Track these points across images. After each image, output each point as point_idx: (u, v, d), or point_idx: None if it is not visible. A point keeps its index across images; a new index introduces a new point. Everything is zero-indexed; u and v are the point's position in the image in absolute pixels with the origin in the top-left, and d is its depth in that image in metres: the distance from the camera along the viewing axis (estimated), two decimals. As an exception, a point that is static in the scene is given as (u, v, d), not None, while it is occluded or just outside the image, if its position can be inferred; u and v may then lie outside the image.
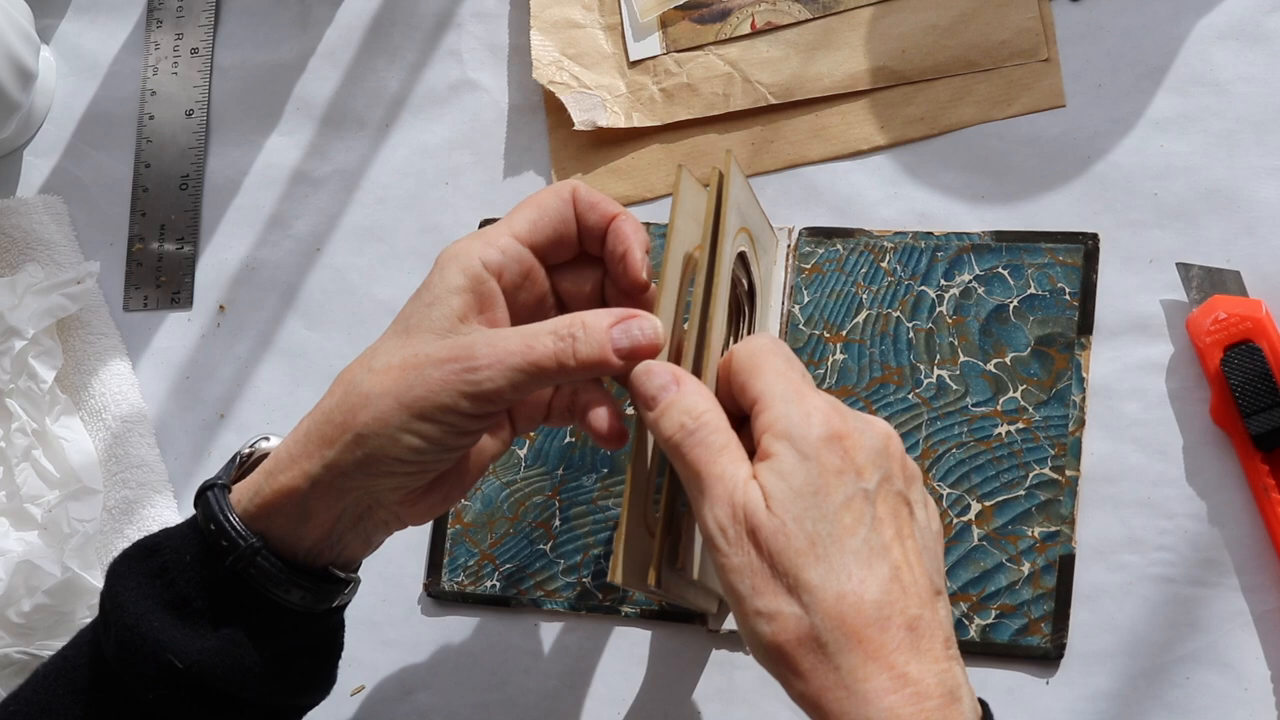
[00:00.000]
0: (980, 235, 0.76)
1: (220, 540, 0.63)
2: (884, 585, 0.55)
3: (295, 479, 0.62)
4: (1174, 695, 0.70)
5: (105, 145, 0.94)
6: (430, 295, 0.62)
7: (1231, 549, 0.70)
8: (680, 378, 0.60)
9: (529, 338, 0.60)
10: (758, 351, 0.61)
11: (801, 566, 0.55)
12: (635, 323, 0.60)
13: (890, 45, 0.80)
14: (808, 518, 0.55)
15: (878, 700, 0.54)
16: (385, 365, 0.61)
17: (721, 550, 0.56)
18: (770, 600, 0.55)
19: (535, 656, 0.78)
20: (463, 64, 0.88)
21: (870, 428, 0.58)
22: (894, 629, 0.55)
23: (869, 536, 0.56)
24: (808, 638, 0.54)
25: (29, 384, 0.86)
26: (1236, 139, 0.74)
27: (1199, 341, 0.71)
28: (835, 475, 0.56)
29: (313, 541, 0.64)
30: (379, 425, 0.60)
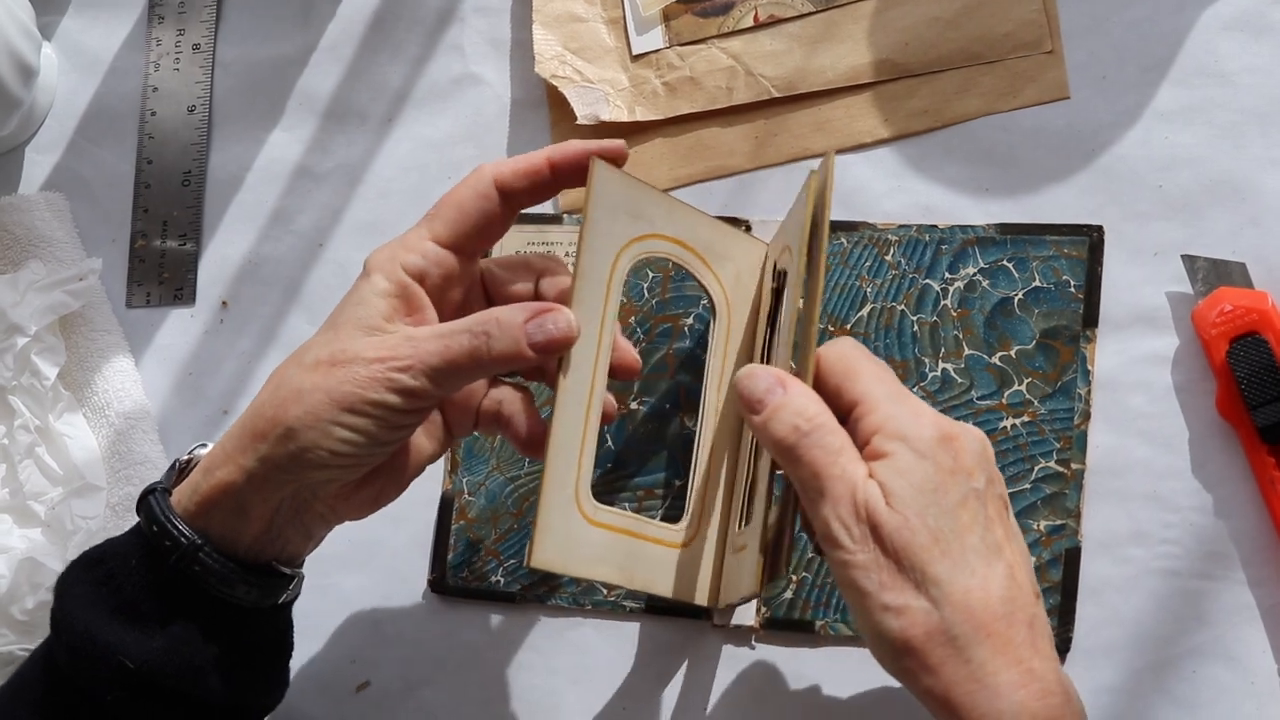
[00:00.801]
0: (985, 228, 0.76)
1: (164, 541, 0.64)
2: (1004, 582, 0.57)
3: (231, 474, 0.63)
4: (1180, 689, 0.69)
5: (107, 142, 0.94)
6: (357, 297, 0.64)
7: (1238, 542, 0.70)
8: (785, 381, 0.61)
9: (446, 336, 0.61)
10: (849, 355, 0.62)
11: (928, 561, 0.56)
12: (549, 317, 0.62)
13: (894, 38, 0.79)
14: (930, 514, 0.57)
15: (1010, 694, 0.55)
16: (314, 361, 0.62)
17: (846, 547, 0.57)
18: (898, 595, 0.56)
19: (539, 652, 0.78)
20: (465, 58, 0.88)
21: (970, 432, 0.60)
22: (1018, 625, 0.56)
23: (984, 534, 0.58)
24: (938, 632, 0.56)
25: (32, 381, 0.86)
26: (1242, 131, 0.74)
27: (1204, 334, 0.71)
28: (950, 474, 0.58)
29: (253, 537, 0.64)
30: (310, 419, 0.61)
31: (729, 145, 0.82)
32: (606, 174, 0.65)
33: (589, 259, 0.65)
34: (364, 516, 0.68)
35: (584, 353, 0.65)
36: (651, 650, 0.77)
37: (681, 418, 0.78)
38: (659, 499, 0.77)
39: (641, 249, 0.69)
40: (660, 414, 0.78)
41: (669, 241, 0.70)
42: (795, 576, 0.74)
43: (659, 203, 0.69)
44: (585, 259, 0.65)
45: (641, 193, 0.68)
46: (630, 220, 0.67)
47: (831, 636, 0.74)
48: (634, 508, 0.77)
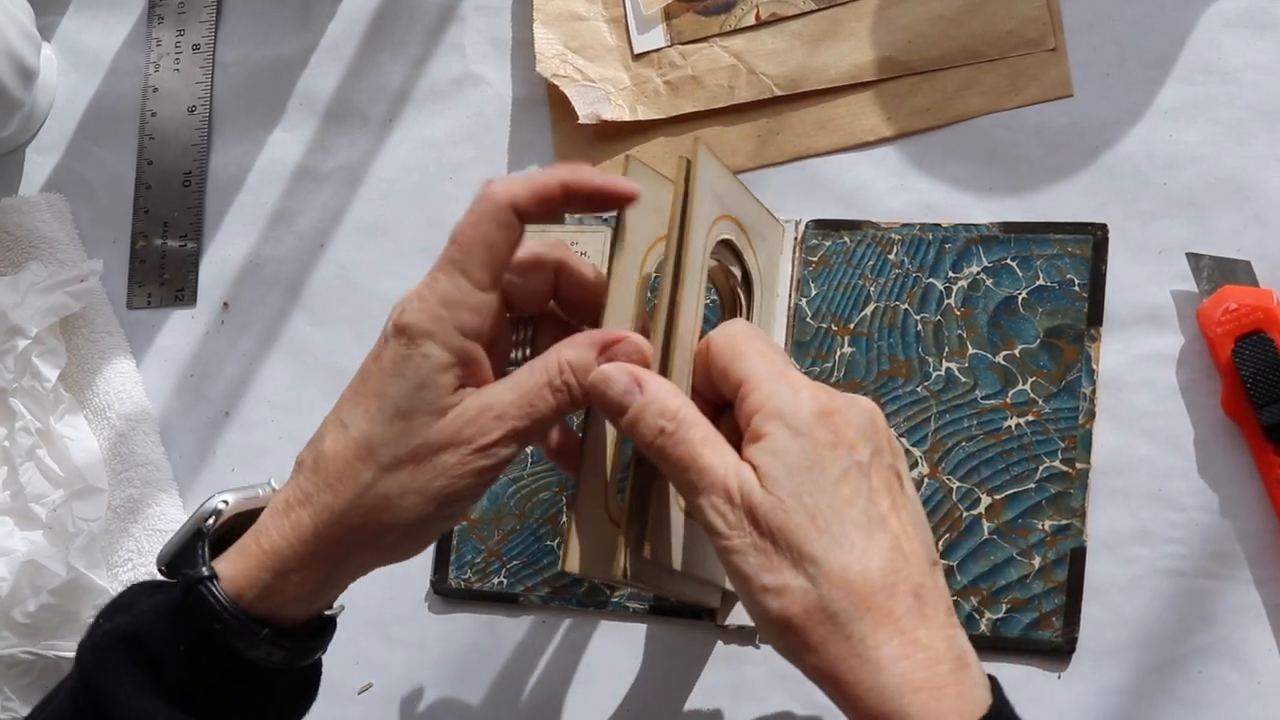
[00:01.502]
0: (988, 227, 0.76)
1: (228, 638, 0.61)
2: (887, 554, 0.56)
3: (308, 580, 0.61)
4: (1186, 689, 0.69)
5: (107, 142, 0.94)
6: (416, 377, 0.59)
7: (1243, 541, 0.70)
8: (641, 379, 0.59)
9: (529, 395, 0.60)
10: (737, 336, 0.61)
11: (804, 540, 0.55)
12: (619, 349, 0.60)
13: (896, 36, 0.79)
14: (805, 492, 0.56)
15: (891, 666, 0.54)
16: (393, 460, 0.59)
17: (722, 534, 0.56)
18: (776, 576, 0.56)
19: (543, 653, 0.78)
20: (466, 58, 0.88)
21: (856, 403, 0.59)
22: (901, 596, 0.56)
23: (867, 508, 0.57)
24: (816, 609, 0.55)
25: (33, 383, 0.85)
26: (1246, 128, 0.74)
27: (1210, 332, 0.70)
28: (829, 449, 0.57)
29: (316, 610, 0.63)
30: (409, 521, 0.60)
31: (731, 144, 0.81)
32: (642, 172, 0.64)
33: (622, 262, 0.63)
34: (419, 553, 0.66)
35: None
36: (655, 651, 0.77)
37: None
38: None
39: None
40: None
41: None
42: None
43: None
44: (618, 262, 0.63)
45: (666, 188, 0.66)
46: (658, 216, 0.65)
47: (836, 637, 0.74)
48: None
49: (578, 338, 0.61)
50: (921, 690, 0.54)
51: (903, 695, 0.54)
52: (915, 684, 0.54)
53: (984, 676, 0.57)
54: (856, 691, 0.54)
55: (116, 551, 0.84)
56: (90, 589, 0.81)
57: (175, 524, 0.84)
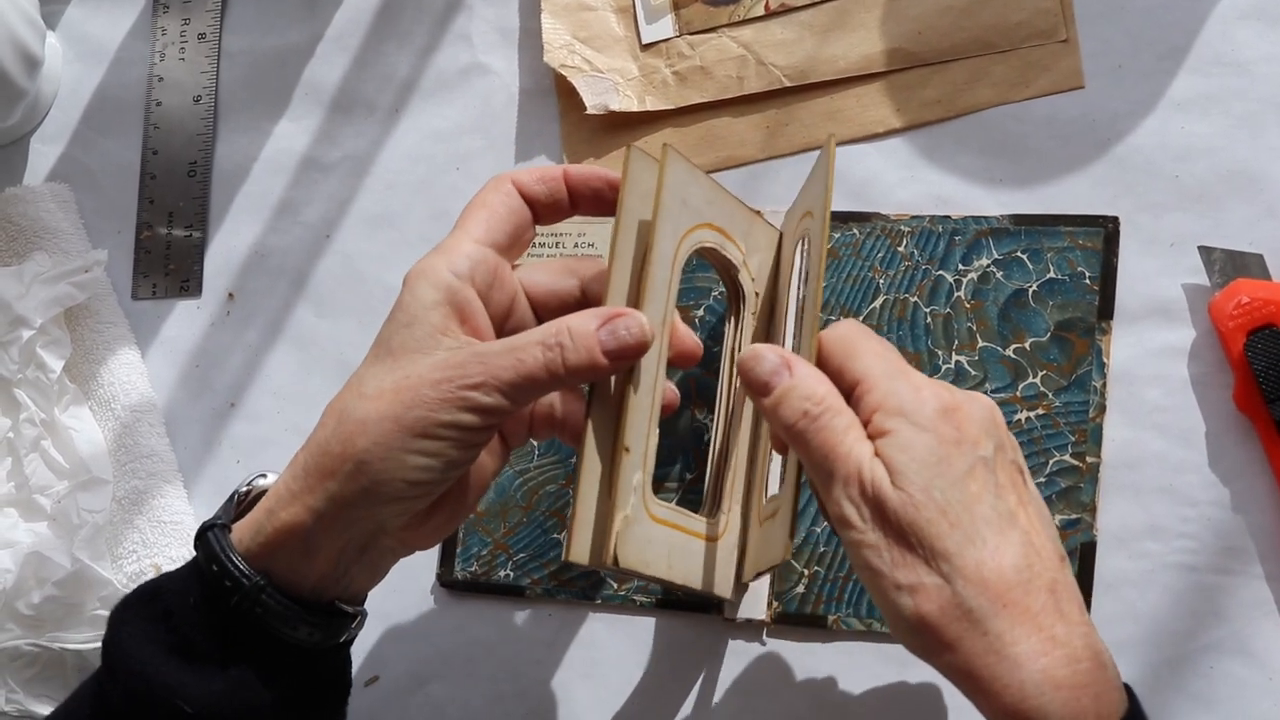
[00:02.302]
0: (998, 219, 0.75)
1: (224, 580, 0.61)
2: (1020, 550, 0.56)
3: (298, 514, 0.61)
4: (1197, 685, 0.69)
5: (112, 132, 0.93)
6: (406, 315, 0.61)
7: (1255, 536, 0.70)
8: (792, 362, 0.60)
9: (518, 350, 0.59)
10: (850, 335, 0.61)
11: (936, 536, 0.55)
12: (620, 322, 0.60)
13: (906, 26, 0.79)
14: (935, 488, 0.56)
15: (1031, 663, 0.54)
16: (377, 390, 0.60)
17: (856, 527, 0.56)
18: (909, 573, 0.55)
19: (549, 646, 0.78)
20: (473, 47, 0.87)
21: (976, 400, 0.59)
22: (1036, 592, 0.55)
23: (995, 503, 0.57)
24: (951, 606, 0.55)
25: (37, 374, 0.85)
26: (1259, 120, 0.73)
27: (1221, 326, 0.70)
28: (954, 445, 0.57)
29: (318, 576, 0.62)
30: (381, 450, 0.59)
31: (740, 135, 0.81)
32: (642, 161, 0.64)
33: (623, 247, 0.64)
34: (432, 545, 0.66)
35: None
36: (662, 644, 0.77)
37: (693, 410, 0.77)
38: (671, 492, 0.77)
39: (695, 239, 0.67)
40: (671, 407, 0.78)
41: (713, 230, 0.69)
42: (808, 571, 0.74)
43: (705, 188, 0.68)
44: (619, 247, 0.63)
45: (693, 178, 0.67)
46: (683, 209, 0.66)
47: (843, 631, 0.73)
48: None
49: (582, 311, 0.61)
50: (1062, 688, 0.54)
51: (1043, 693, 0.54)
52: (1056, 681, 0.54)
53: (1120, 679, 0.56)
54: (995, 688, 0.54)
55: (121, 543, 0.84)
56: (95, 581, 0.81)
57: (180, 515, 0.84)
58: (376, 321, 0.83)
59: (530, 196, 0.65)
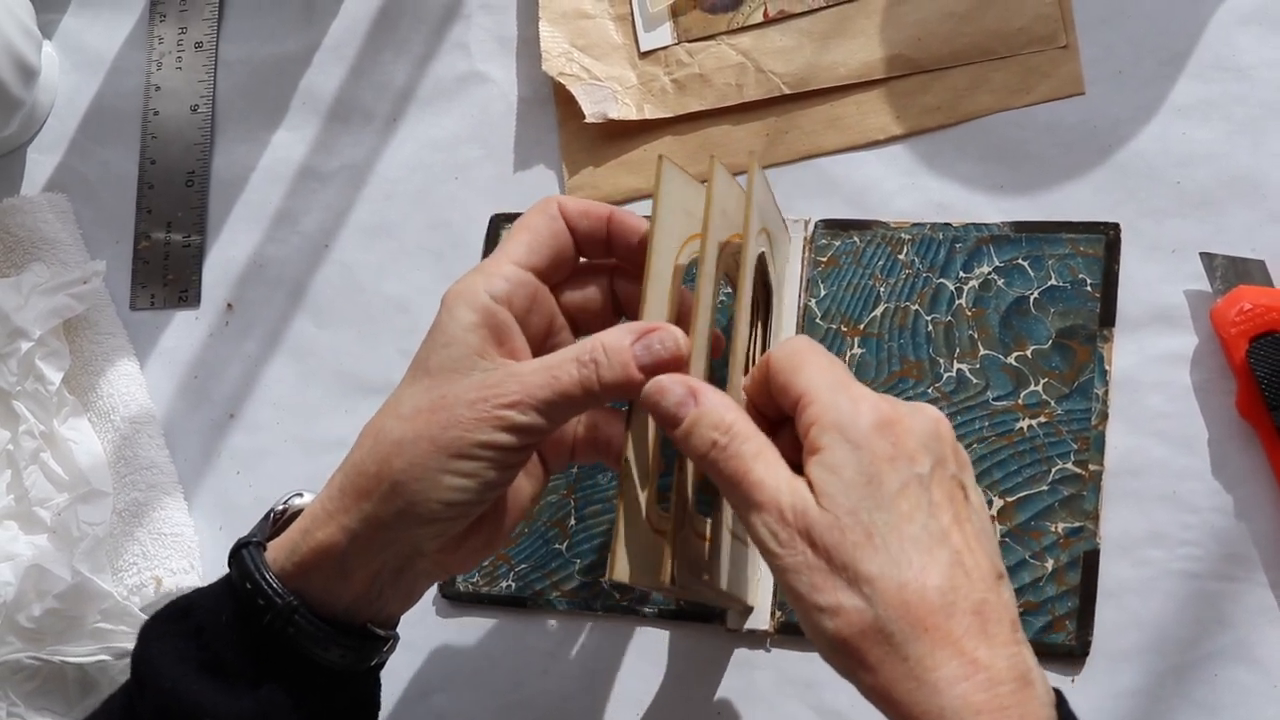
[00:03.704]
0: (999, 226, 0.75)
1: (257, 599, 0.61)
2: (946, 571, 0.55)
3: (333, 534, 0.61)
4: (1202, 692, 0.69)
5: (110, 142, 0.93)
6: (445, 336, 0.61)
7: (1258, 543, 0.69)
8: (697, 391, 0.59)
9: (553, 368, 0.59)
10: (797, 350, 0.60)
11: (860, 559, 0.54)
12: (655, 336, 0.60)
13: (906, 33, 0.79)
14: (862, 509, 0.55)
15: (949, 689, 0.53)
16: (413, 410, 0.60)
17: (775, 553, 0.55)
18: (830, 595, 0.54)
19: (552, 657, 0.78)
20: (471, 56, 0.87)
21: (920, 413, 0.58)
22: (960, 615, 0.54)
23: (927, 523, 0.55)
24: (872, 629, 0.54)
25: (36, 386, 0.85)
26: (1261, 126, 0.73)
27: (1224, 333, 0.70)
28: (888, 462, 0.56)
29: (352, 598, 0.62)
30: (417, 470, 0.59)
31: (739, 143, 0.81)
32: (674, 173, 0.64)
33: (657, 262, 0.63)
34: (468, 570, 0.66)
35: None
36: (664, 655, 0.76)
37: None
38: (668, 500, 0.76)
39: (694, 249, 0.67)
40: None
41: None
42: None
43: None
44: (654, 262, 0.63)
45: (695, 190, 0.67)
46: (687, 218, 0.66)
47: (847, 640, 0.73)
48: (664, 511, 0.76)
49: (621, 326, 0.61)
50: (982, 713, 0.53)
51: (961, 718, 0.53)
52: (975, 706, 0.53)
53: (1049, 694, 0.55)
54: (914, 714, 0.53)
55: (121, 555, 0.83)
56: (95, 593, 0.81)
57: (180, 527, 0.84)
58: (375, 331, 0.84)
59: (572, 226, 0.65)
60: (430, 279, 0.84)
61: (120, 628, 0.80)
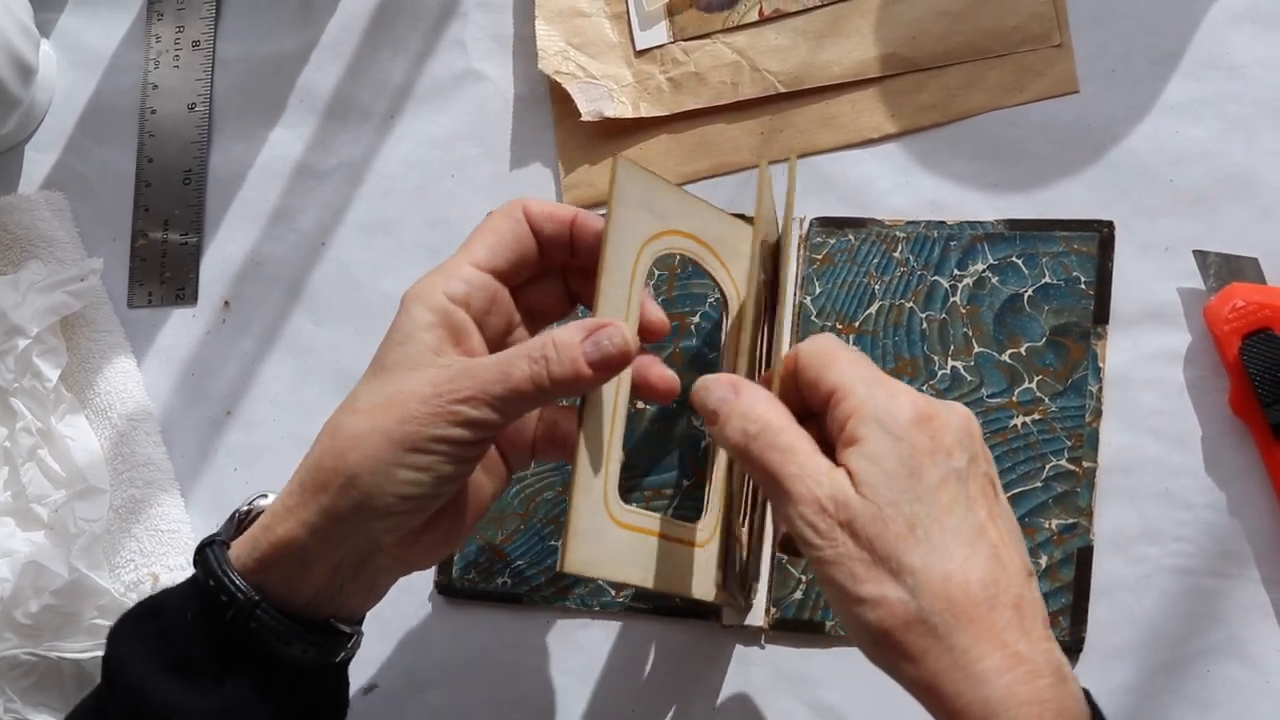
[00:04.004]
0: (993, 224, 0.75)
1: (219, 595, 0.62)
2: (987, 564, 0.55)
3: (292, 529, 0.61)
4: (1194, 688, 0.69)
5: (107, 140, 0.93)
6: (401, 335, 0.62)
7: (1251, 540, 0.70)
8: (739, 386, 0.60)
9: (505, 364, 0.60)
10: (825, 347, 0.61)
11: (903, 550, 0.55)
12: (603, 333, 0.60)
13: (900, 32, 0.79)
14: (905, 500, 0.55)
15: (995, 679, 0.53)
16: (369, 405, 0.61)
17: (815, 544, 0.56)
18: (873, 586, 0.55)
19: (547, 653, 0.78)
20: (467, 54, 0.87)
21: (953, 410, 0.59)
22: (1001, 608, 0.55)
23: (966, 516, 0.56)
24: (916, 621, 0.54)
25: (33, 383, 0.85)
26: (1253, 124, 0.73)
27: (1217, 330, 0.70)
28: (928, 455, 0.56)
29: (313, 592, 0.63)
30: (372, 464, 0.59)
31: (734, 141, 0.81)
32: (629, 170, 0.64)
33: (613, 257, 0.64)
34: (428, 566, 0.66)
35: None
36: (660, 651, 0.77)
37: (689, 417, 0.78)
38: (667, 499, 0.77)
39: (661, 246, 0.68)
40: (667, 413, 0.78)
41: (684, 236, 0.69)
42: (805, 577, 0.74)
43: (674, 198, 0.69)
44: (609, 257, 0.64)
45: (659, 188, 0.67)
46: (648, 215, 0.66)
47: (841, 637, 0.73)
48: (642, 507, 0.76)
49: (568, 325, 0.61)
50: (1025, 705, 0.53)
51: (1007, 709, 0.53)
52: (1020, 698, 0.53)
53: (1080, 690, 0.56)
54: (958, 705, 0.54)
55: (118, 552, 0.84)
56: (92, 590, 0.81)
57: (177, 524, 0.84)
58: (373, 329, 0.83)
59: (536, 229, 0.65)
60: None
61: (117, 624, 0.80)
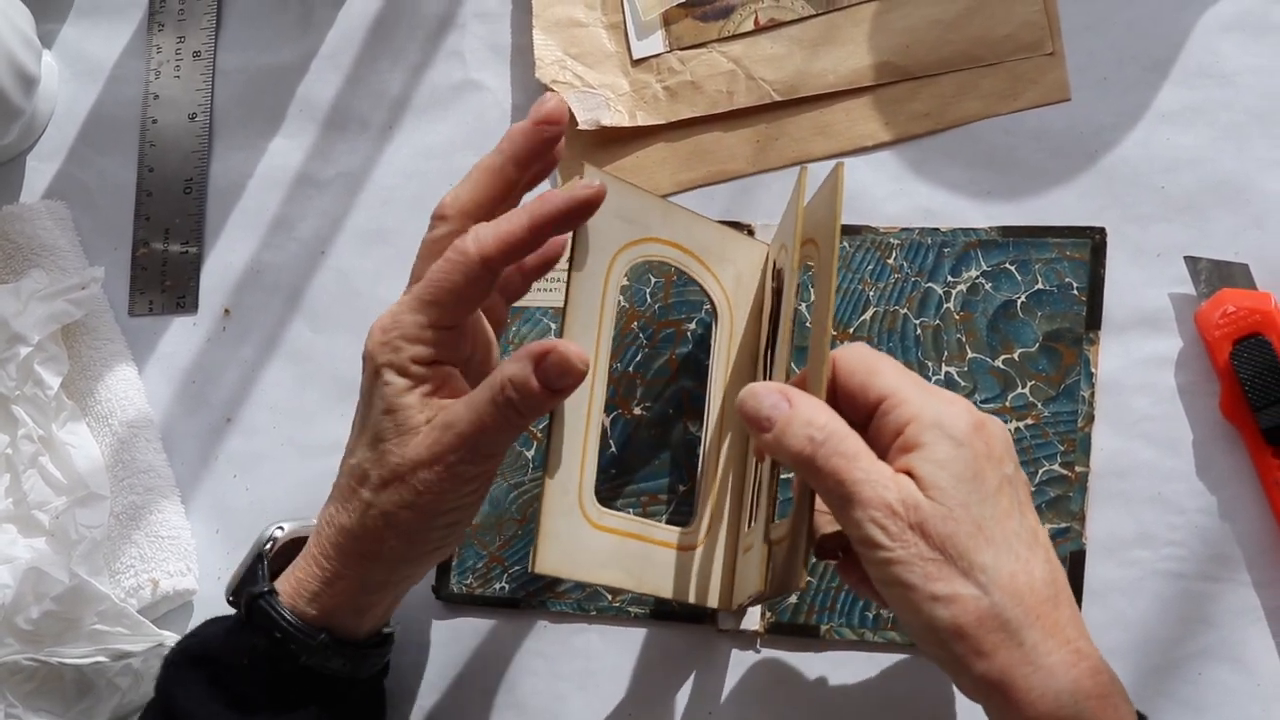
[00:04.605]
0: (987, 231, 0.76)
1: (289, 645, 0.67)
2: (1045, 565, 0.59)
3: (348, 588, 0.67)
4: (1186, 691, 0.69)
5: (108, 149, 0.94)
6: (384, 404, 0.64)
7: (1243, 544, 0.70)
8: (789, 394, 0.61)
9: (480, 414, 0.62)
10: (868, 354, 0.63)
11: (974, 549, 0.57)
12: (549, 360, 0.61)
13: (894, 40, 0.79)
14: (971, 502, 0.58)
15: (1064, 673, 0.57)
16: (380, 481, 0.64)
17: (885, 546, 0.57)
18: (946, 585, 0.57)
19: (545, 658, 0.78)
20: (465, 64, 0.88)
21: (995, 420, 0.61)
22: (1063, 606, 0.58)
23: (1022, 520, 0.59)
24: (989, 617, 0.57)
25: (35, 390, 0.85)
26: (1244, 131, 0.74)
27: (1208, 335, 0.71)
28: (986, 461, 0.59)
29: (371, 624, 0.70)
30: (408, 537, 0.65)
31: (730, 149, 0.81)
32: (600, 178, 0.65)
33: (583, 263, 0.65)
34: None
35: None
36: (657, 655, 0.77)
37: (685, 422, 0.78)
38: (663, 504, 0.77)
39: (638, 253, 0.69)
40: (663, 419, 0.78)
41: (665, 244, 0.70)
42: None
43: (654, 206, 0.69)
44: (579, 263, 0.65)
45: (636, 197, 0.68)
46: (624, 224, 0.67)
47: (836, 640, 0.74)
48: (638, 512, 0.76)
49: (518, 353, 0.62)
50: (1092, 697, 0.56)
51: (1076, 701, 0.56)
52: (1087, 691, 0.56)
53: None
54: (1030, 698, 0.56)
55: (119, 558, 0.84)
56: (93, 596, 0.81)
57: (178, 530, 0.85)
58: (371, 336, 0.84)
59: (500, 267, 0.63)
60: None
61: (117, 629, 0.80)
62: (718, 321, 0.73)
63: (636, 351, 0.79)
